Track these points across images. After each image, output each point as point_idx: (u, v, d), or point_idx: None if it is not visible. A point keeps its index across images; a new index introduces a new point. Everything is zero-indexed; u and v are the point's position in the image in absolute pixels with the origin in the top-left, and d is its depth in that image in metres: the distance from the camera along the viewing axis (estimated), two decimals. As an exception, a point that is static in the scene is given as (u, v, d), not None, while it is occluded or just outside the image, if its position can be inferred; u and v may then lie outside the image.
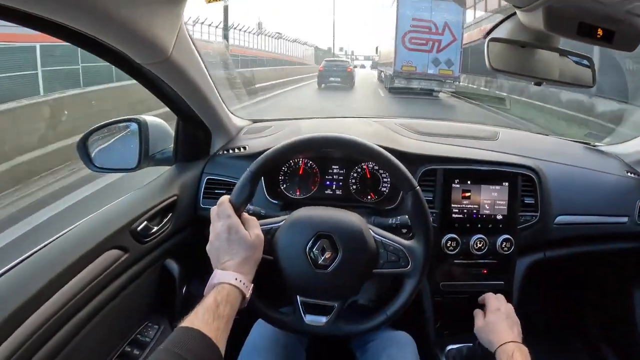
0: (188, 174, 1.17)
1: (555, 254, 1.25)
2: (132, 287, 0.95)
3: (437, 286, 1.15)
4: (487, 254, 1.12)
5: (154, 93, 1.01)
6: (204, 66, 1.03)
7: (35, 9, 0.60)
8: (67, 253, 0.80)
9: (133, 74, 0.90)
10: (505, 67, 0.85)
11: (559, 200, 1.20)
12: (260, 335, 0.98)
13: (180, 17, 0.85)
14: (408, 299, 0.84)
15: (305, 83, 18.91)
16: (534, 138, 1.56)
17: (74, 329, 0.77)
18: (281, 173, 1.19)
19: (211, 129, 1.21)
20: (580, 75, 0.92)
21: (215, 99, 1.14)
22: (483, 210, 1.13)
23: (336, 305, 0.84)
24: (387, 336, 1.01)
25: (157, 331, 1.05)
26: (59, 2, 0.61)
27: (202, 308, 0.66)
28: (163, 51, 0.84)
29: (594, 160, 1.38)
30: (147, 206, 1.00)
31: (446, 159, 1.17)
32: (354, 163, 1.19)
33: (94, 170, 1.16)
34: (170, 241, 1.08)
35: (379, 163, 0.89)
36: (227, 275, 0.72)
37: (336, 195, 1.20)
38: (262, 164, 0.83)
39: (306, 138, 0.85)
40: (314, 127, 1.38)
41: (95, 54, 0.79)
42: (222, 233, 0.76)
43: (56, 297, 0.74)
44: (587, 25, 0.75)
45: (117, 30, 0.72)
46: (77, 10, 0.64)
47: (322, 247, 0.81)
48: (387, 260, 0.83)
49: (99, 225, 0.91)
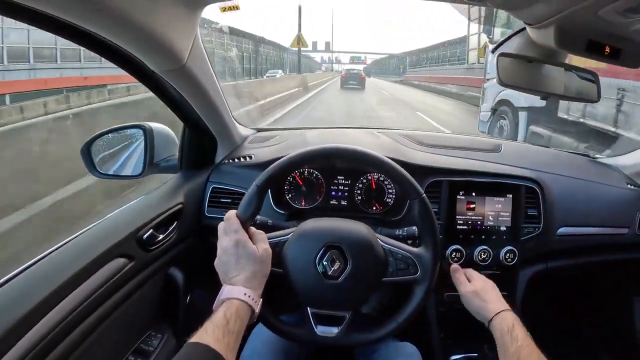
0: (193, 182, 1.17)
1: (557, 265, 1.26)
2: (136, 295, 0.94)
3: (442, 297, 1.16)
4: (491, 265, 1.13)
5: (163, 100, 1.00)
6: (214, 75, 1.03)
7: (52, 9, 0.60)
8: (73, 261, 0.79)
9: (144, 80, 0.90)
10: (514, 82, 0.87)
11: (561, 211, 1.21)
12: (259, 341, 0.98)
13: (197, 25, 0.85)
14: (418, 306, 0.84)
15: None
16: (535, 150, 1.58)
17: (78, 338, 0.76)
18: (287, 183, 1.19)
19: (217, 137, 1.21)
20: (585, 90, 0.94)
21: (224, 107, 1.14)
22: (487, 221, 1.14)
23: (347, 315, 0.84)
24: (392, 347, 1.01)
25: (160, 340, 1.04)
26: (78, 4, 0.60)
27: (212, 324, 0.65)
28: (179, 59, 0.84)
29: (594, 172, 1.39)
30: (154, 214, 1.00)
31: (451, 170, 1.17)
32: (360, 174, 1.19)
33: (98, 177, 1.14)
34: (174, 250, 1.07)
35: (385, 172, 0.90)
36: (235, 290, 0.71)
37: (341, 206, 1.20)
38: (268, 178, 0.82)
39: (311, 150, 0.85)
40: (319, 137, 1.39)
41: (109, 59, 0.78)
42: (229, 248, 0.75)
43: (61, 306, 0.73)
44: (595, 43, 0.77)
45: (135, 36, 0.72)
46: (96, 14, 0.63)
47: (332, 258, 0.80)
48: (397, 269, 0.83)
49: (105, 233, 0.90)
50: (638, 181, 1.36)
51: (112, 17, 0.65)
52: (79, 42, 0.71)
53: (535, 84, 0.90)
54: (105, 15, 0.64)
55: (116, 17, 0.65)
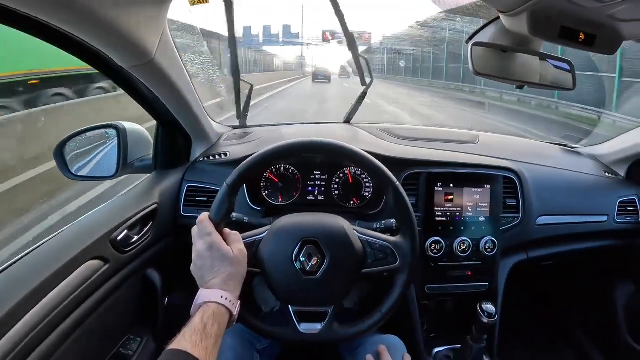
0: (168, 181, 1.14)
1: (538, 255, 1.27)
2: (113, 298, 0.92)
3: (423, 290, 1.15)
4: (471, 256, 1.13)
5: (133, 97, 0.98)
6: (185, 70, 1.00)
7: (13, 3, 0.57)
8: (45, 265, 0.77)
9: (113, 76, 0.87)
10: (488, 71, 0.85)
11: (540, 201, 1.22)
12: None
13: (164, 19, 0.83)
14: (400, 295, 0.83)
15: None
16: (513, 141, 1.59)
17: (53, 343, 0.74)
18: (263, 179, 1.18)
19: (191, 135, 1.19)
20: (561, 78, 0.93)
21: (197, 104, 1.11)
22: (466, 212, 1.14)
23: (330, 310, 0.83)
24: (376, 340, 1.00)
25: (139, 344, 1.02)
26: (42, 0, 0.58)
27: (189, 330, 0.64)
28: (146, 54, 0.81)
29: (572, 161, 1.41)
30: (127, 215, 0.97)
31: (429, 162, 1.17)
32: (336, 168, 1.18)
33: (71, 178, 1.11)
34: (151, 250, 1.05)
35: (358, 164, 0.88)
36: (212, 294, 0.70)
37: (319, 201, 1.19)
38: (238, 176, 0.81)
39: (281, 145, 0.83)
40: (295, 133, 1.37)
41: (75, 55, 0.76)
42: (203, 252, 0.73)
43: (35, 311, 0.71)
44: (569, 29, 0.75)
45: (101, 31, 0.70)
46: (61, 9, 0.61)
47: (309, 253, 0.79)
48: (375, 259, 0.82)
49: (78, 235, 0.88)
50: (615, 169, 1.38)
51: (76, 11, 0.62)
52: (42, 37, 0.67)
53: (510, 73, 0.88)
54: (69, 10, 0.62)
55: (80, 11, 0.63)
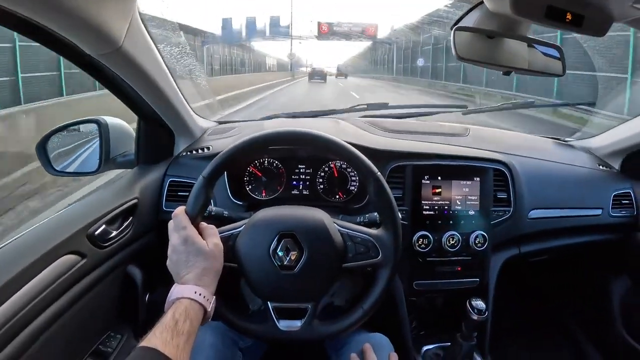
0: (150, 176, 1.12)
1: (531, 249, 1.24)
2: (91, 294, 0.89)
3: (411, 286, 1.12)
4: (461, 251, 1.09)
5: (110, 89, 0.95)
6: (161, 59, 0.97)
7: None
8: (17, 260, 0.74)
9: (83, 66, 0.84)
10: (472, 57, 0.82)
11: (532, 194, 1.19)
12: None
13: (134, 4, 0.80)
14: (383, 290, 0.80)
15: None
16: (504, 134, 1.55)
17: (27, 340, 0.72)
18: (246, 174, 1.16)
19: (174, 129, 1.17)
20: (550, 64, 0.90)
21: (177, 97, 1.09)
22: (455, 206, 1.11)
23: (309, 306, 0.80)
24: (362, 338, 0.97)
25: (119, 341, 1.00)
26: None
27: (161, 326, 0.62)
28: (114, 41, 0.78)
29: (565, 154, 1.38)
30: (105, 209, 0.95)
31: (415, 154, 1.14)
32: (321, 162, 1.16)
33: (53, 174, 1.10)
34: (131, 246, 1.02)
35: (338, 155, 0.86)
36: (185, 289, 0.68)
37: (303, 195, 1.17)
38: (214, 168, 0.79)
39: (258, 136, 0.81)
40: (278, 127, 1.35)
41: (41, 44, 0.73)
42: (178, 246, 0.72)
43: (5, 307, 0.68)
44: (555, 9, 0.71)
45: (64, 16, 0.66)
46: None
47: (286, 247, 0.76)
48: (356, 253, 0.79)
49: (52, 230, 0.85)
50: (609, 162, 1.34)
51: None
52: (7, 25, 0.65)
53: (496, 59, 0.85)
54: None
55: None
